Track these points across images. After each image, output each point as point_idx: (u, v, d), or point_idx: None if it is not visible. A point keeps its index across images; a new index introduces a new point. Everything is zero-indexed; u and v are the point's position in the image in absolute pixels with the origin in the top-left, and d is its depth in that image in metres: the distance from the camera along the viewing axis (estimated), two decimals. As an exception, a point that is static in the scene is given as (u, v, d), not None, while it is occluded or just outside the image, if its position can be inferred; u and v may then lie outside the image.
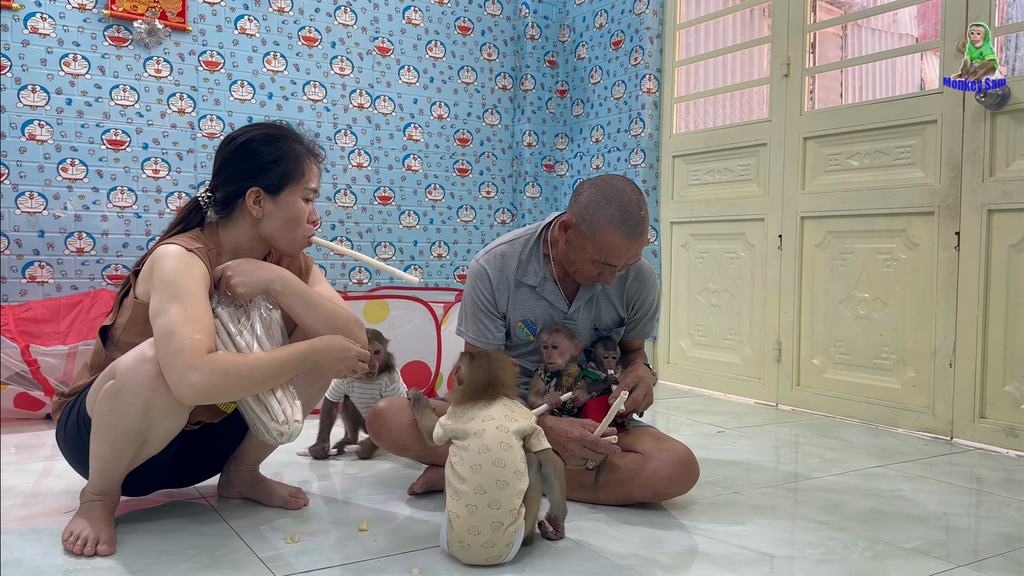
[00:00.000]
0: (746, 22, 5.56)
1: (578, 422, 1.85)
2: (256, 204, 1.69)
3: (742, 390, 3.49)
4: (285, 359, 1.60)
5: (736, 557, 1.60)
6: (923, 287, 2.83)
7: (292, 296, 1.68)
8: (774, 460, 2.46)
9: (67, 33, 3.30)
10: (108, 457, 1.58)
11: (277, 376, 1.59)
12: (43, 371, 2.66)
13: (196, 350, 1.48)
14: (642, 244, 1.87)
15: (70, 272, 3.33)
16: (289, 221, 1.71)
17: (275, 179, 1.68)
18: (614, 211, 1.81)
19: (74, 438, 1.66)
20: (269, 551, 1.59)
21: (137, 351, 1.54)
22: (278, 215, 1.70)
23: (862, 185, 3.02)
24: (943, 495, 2.08)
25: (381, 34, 4.03)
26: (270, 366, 1.57)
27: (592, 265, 1.88)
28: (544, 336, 1.97)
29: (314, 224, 1.76)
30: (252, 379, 1.54)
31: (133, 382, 1.50)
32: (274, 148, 1.70)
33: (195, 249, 1.62)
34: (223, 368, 1.49)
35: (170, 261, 1.58)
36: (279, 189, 1.69)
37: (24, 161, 3.24)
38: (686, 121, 4.99)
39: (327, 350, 1.64)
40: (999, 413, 2.63)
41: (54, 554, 1.55)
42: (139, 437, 1.55)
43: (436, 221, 4.23)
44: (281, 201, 1.70)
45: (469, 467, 1.50)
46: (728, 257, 3.57)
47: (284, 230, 1.71)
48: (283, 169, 1.69)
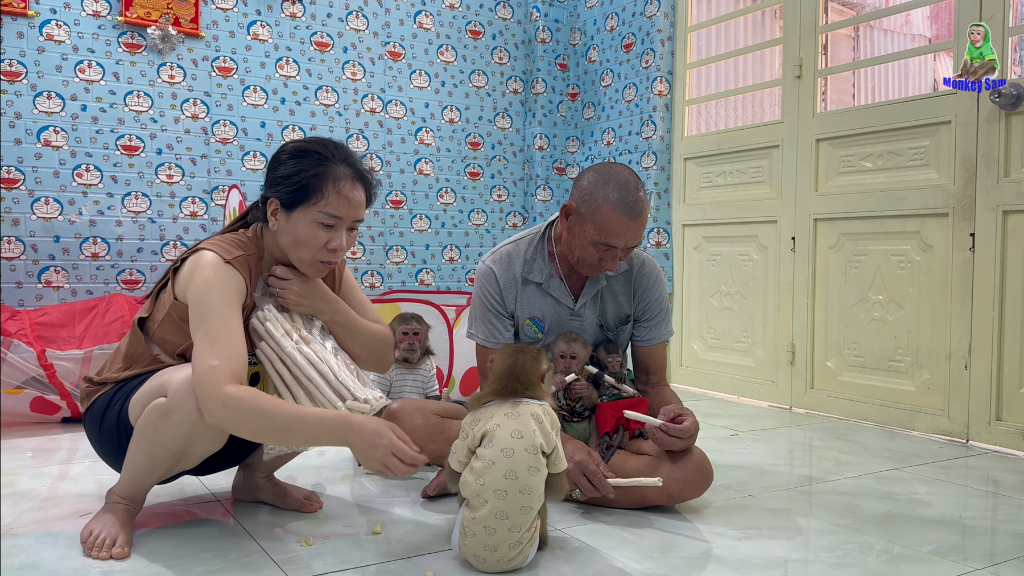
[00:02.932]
0: (758, 24, 5.55)
1: (585, 448, 1.84)
2: (273, 215, 1.65)
3: (756, 393, 3.47)
4: (310, 422, 1.49)
5: (750, 561, 1.60)
6: (938, 289, 2.81)
7: (339, 325, 1.73)
8: (788, 463, 2.45)
9: (82, 40, 3.33)
10: (143, 467, 1.59)
11: (293, 434, 1.49)
12: (59, 375, 2.68)
13: (210, 380, 1.46)
14: (640, 226, 1.88)
15: (85, 277, 3.36)
16: (297, 240, 1.63)
17: (289, 195, 1.62)
18: (612, 190, 1.86)
19: (110, 437, 1.66)
20: (283, 554, 1.59)
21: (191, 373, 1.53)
22: (288, 231, 1.64)
23: (876, 187, 3.00)
24: (959, 498, 2.06)
25: (393, 39, 4.05)
26: (290, 420, 1.47)
27: (593, 248, 1.90)
28: (562, 345, 1.97)
29: (333, 251, 1.65)
30: (262, 426, 1.47)
31: (185, 406, 1.50)
32: (298, 163, 1.63)
33: (233, 259, 1.60)
34: (234, 404, 1.45)
35: (204, 274, 1.57)
36: (293, 206, 1.62)
37: (40, 167, 3.27)
38: (698, 123, 4.97)
39: (360, 429, 1.47)
40: (1015, 415, 2.60)
41: (70, 556, 1.56)
42: (177, 456, 1.57)
43: (448, 225, 4.24)
44: (293, 218, 1.63)
45: (493, 491, 1.43)
46: (741, 259, 3.55)
47: (292, 248, 1.65)
48: (300, 187, 1.61)
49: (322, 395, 1.57)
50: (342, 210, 1.62)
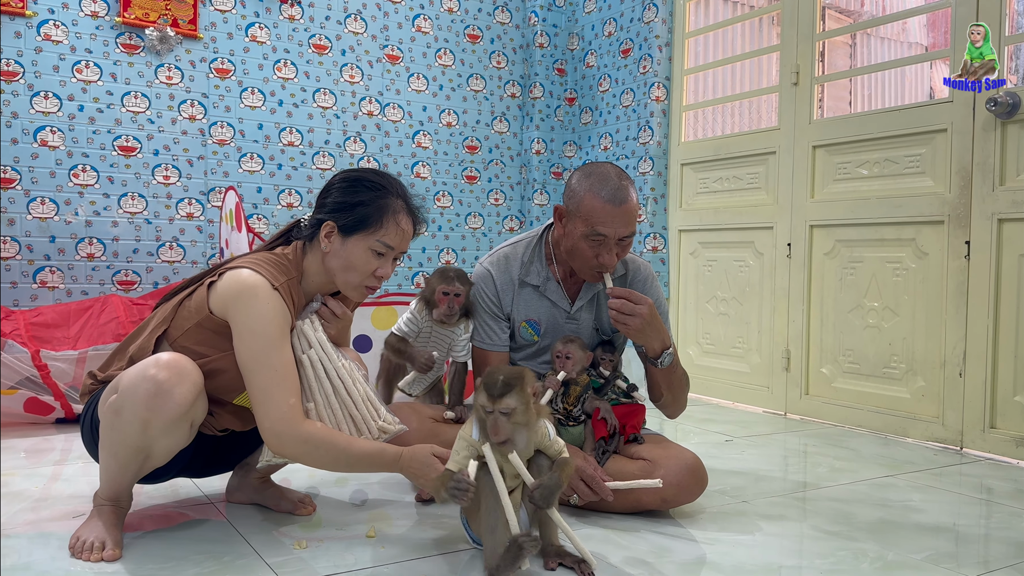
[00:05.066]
0: (755, 31, 5.57)
1: (580, 453, 1.85)
2: (327, 237, 1.70)
3: (750, 399, 3.48)
4: (373, 455, 1.64)
5: (744, 567, 1.60)
6: (933, 296, 2.81)
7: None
8: (783, 469, 2.45)
9: (80, 40, 3.33)
10: (114, 468, 1.60)
11: (357, 465, 1.65)
12: (53, 376, 2.68)
13: (292, 418, 1.58)
14: (627, 213, 1.89)
15: (81, 277, 3.35)
16: (349, 264, 1.70)
17: (351, 221, 1.69)
18: (594, 181, 1.91)
19: (89, 434, 1.68)
20: (277, 557, 1.59)
21: (139, 368, 1.54)
22: (341, 254, 1.70)
23: (871, 194, 3.01)
24: (953, 506, 2.07)
25: (391, 42, 4.05)
26: (356, 455, 1.63)
27: (586, 244, 1.91)
28: (559, 346, 1.97)
29: (379, 278, 1.74)
30: (336, 460, 1.62)
31: (132, 400, 1.51)
32: (366, 194, 1.71)
33: (280, 286, 1.65)
34: (314, 441, 1.59)
35: (259, 305, 1.60)
36: (351, 231, 1.69)
37: (36, 167, 3.26)
38: (695, 129, 4.97)
39: (412, 459, 1.62)
40: (1010, 423, 2.61)
41: (62, 558, 1.55)
42: (141, 452, 1.57)
43: (444, 228, 4.24)
44: (349, 243, 1.70)
45: None
46: (737, 265, 3.56)
47: (342, 270, 1.71)
48: (361, 215, 1.69)
49: (359, 411, 1.71)
50: (396, 241, 1.74)
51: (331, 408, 1.68)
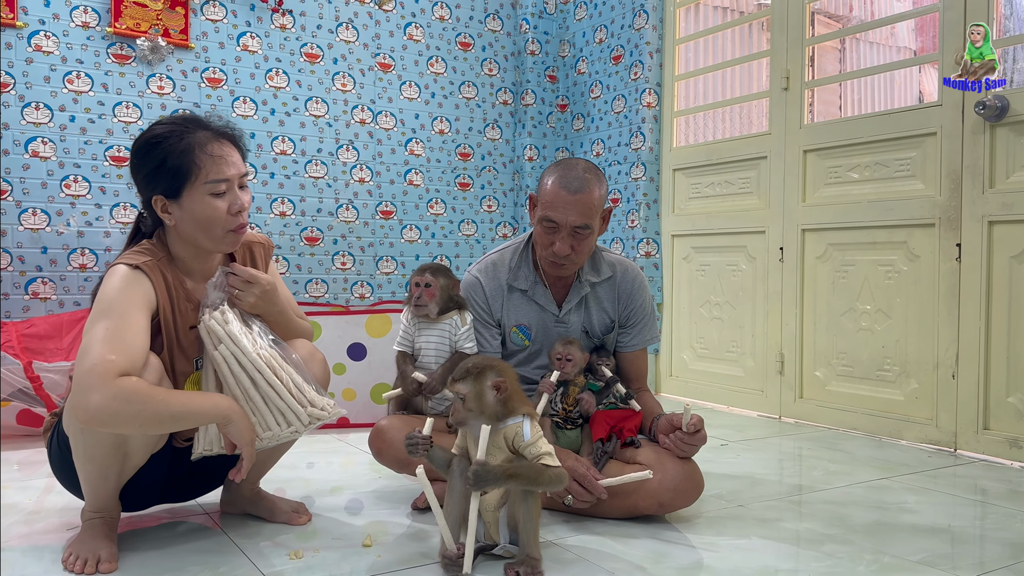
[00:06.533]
0: (745, 36, 5.59)
1: (572, 455, 1.86)
2: (164, 212, 1.61)
3: (745, 403, 3.48)
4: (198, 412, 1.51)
5: (741, 571, 1.60)
6: (925, 299, 2.83)
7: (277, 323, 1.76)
8: (778, 473, 2.46)
9: (71, 51, 3.32)
10: (94, 474, 1.57)
11: (183, 420, 1.50)
12: (46, 388, 2.66)
13: (106, 371, 1.40)
14: (581, 203, 1.90)
15: (73, 288, 3.34)
16: (201, 222, 1.60)
17: (169, 182, 1.58)
18: (559, 169, 1.97)
19: (57, 458, 1.65)
20: (272, 567, 1.58)
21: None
22: (187, 218, 1.60)
23: (863, 197, 3.02)
24: (948, 507, 2.07)
25: (383, 50, 4.06)
26: (179, 407, 1.47)
27: (542, 229, 1.95)
28: (559, 347, 1.98)
29: (238, 213, 1.63)
30: (155, 414, 1.43)
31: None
32: (163, 148, 1.59)
33: (141, 264, 1.58)
34: (127, 395, 1.40)
35: (112, 280, 1.55)
36: (178, 192, 1.58)
37: (27, 178, 3.25)
38: (686, 135, 5.00)
39: (242, 416, 1.53)
40: (1003, 424, 2.62)
41: (56, 571, 1.54)
42: (118, 450, 1.53)
43: (438, 235, 4.24)
44: (184, 203, 1.59)
45: None
46: (729, 270, 3.57)
47: (200, 231, 1.61)
48: (173, 169, 1.57)
49: (283, 400, 1.60)
50: (222, 171, 1.60)
51: (252, 402, 1.58)
